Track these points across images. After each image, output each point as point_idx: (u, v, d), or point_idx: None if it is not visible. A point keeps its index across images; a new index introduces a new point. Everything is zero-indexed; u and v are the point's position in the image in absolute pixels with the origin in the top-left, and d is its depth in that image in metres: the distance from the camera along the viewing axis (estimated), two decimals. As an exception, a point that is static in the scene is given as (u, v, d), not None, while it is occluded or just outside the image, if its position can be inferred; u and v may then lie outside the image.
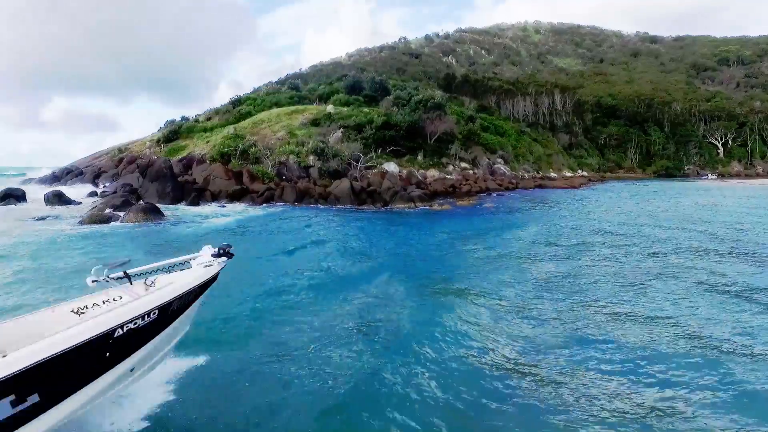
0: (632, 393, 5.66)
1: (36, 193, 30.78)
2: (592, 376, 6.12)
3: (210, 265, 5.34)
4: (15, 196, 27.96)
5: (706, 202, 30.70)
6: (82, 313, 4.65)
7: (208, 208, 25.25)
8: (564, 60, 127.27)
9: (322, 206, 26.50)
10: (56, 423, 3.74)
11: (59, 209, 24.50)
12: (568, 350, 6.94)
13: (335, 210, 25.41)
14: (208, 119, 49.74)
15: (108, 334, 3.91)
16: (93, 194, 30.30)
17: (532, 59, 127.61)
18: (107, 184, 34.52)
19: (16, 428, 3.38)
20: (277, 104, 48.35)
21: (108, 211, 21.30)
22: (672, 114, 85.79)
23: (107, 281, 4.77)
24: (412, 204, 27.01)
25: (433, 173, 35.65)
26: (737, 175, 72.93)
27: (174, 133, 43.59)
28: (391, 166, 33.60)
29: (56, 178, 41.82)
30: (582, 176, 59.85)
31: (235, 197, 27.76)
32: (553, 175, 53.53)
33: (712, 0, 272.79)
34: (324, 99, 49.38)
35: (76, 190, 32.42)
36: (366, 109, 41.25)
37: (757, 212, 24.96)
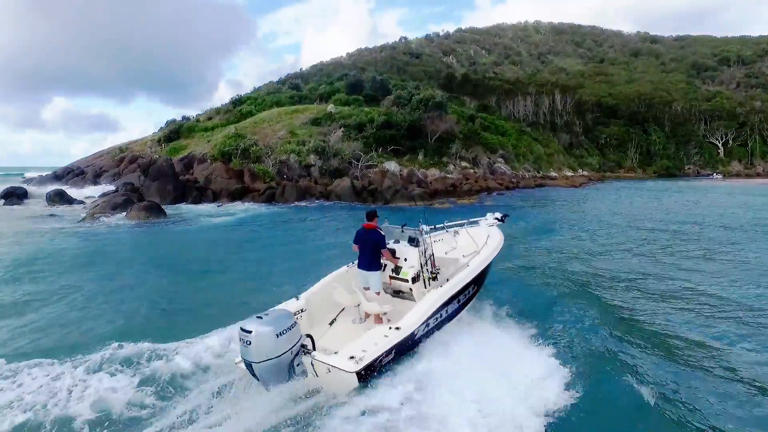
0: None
1: (37, 192, 30.88)
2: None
3: (492, 225, 8.44)
4: (17, 194, 28.07)
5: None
6: (435, 242, 7.55)
7: (209, 207, 25.31)
8: (564, 60, 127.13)
9: (325, 203, 26.58)
10: (469, 307, 6.81)
11: (61, 208, 24.60)
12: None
13: (338, 207, 25.52)
14: (209, 119, 49.86)
15: (491, 260, 7.09)
16: (95, 193, 30.35)
17: (532, 59, 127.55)
18: (109, 184, 34.59)
19: (467, 304, 6.62)
20: (278, 104, 48.47)
21: (110, 209, 21.37)
22: (672, 114, 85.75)
23: (434, 228, 7.63)
24: (413, 202, 27.09)
25: (433, 172, 35.68)
26: (737, 175, 72.96)
27: (175, 133, 43.71)
28: (392, 165, 33.66)
29: (57, 177, 41.91)
30: (583, 176, 59.88)
31: (236, 196, 27.81)
32: (553, 174, 53.56)
33: (712, 0, 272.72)
34: (325, 98, 49.46)
35: (77, 190, 32.52)
36: (366, 109, 41.30)
37: None
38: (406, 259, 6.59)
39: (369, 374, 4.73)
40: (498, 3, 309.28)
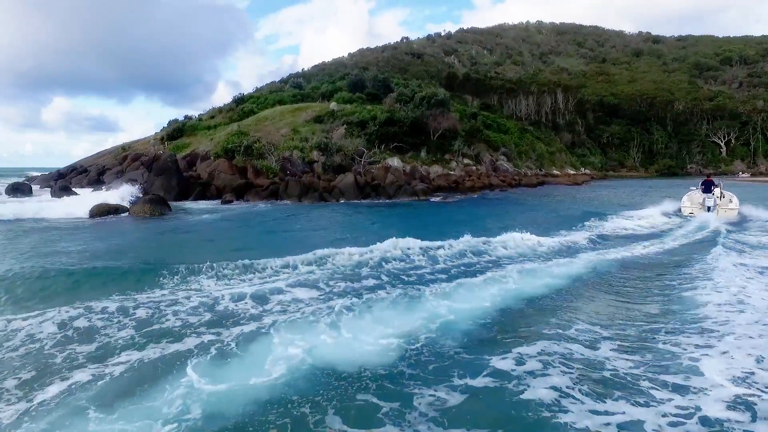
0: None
1: (43, 188, 30.96)
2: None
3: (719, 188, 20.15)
4: (21, 190, 28.22)
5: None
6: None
7: (213, 202, 25.39)
8: (566, 60, 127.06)
9: (327, 199, 26.56)
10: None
11: (66, 202, 24.60)
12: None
13: (342, 202, 25.57)
14: (212, 117, 49.96)
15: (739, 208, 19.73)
16: (99, 190, 30.41)
17: (534, 59, 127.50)
18: (122, 182, 34.51)
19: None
20: (281, 102, 48.52)
21: (114, 203, 21.40)
22: (674, 113, 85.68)
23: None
24: (416, 198, 27.13)
25: (436, 169, 35.73)
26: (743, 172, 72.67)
27: (178, 131, 43.80)
28: (395, 162, 33.71)
29: (61, 175, 42.03)
30: (585, 174, 59.96)
31: (239, 192, 27.80)
32: (555, 172, 53.60)
33: (714, 0, 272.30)
34: (327, 97, 49.46)
35: (81, 188, 32.65)
36: (369, 107, 41.32)
37: None
38: (714, 191, 19.12)
39: (739, 213, 19.00)
40: (498, 2, 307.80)
